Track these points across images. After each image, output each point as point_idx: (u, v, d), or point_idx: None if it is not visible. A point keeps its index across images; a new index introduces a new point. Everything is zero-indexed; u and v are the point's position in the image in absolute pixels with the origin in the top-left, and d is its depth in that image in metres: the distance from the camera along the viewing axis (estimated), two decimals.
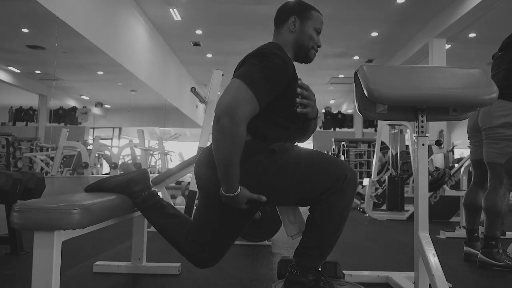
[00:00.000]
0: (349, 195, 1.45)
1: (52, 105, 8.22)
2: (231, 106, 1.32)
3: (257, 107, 1.38)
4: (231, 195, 1.39)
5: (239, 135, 1.33)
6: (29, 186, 2.52)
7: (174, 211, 1.66)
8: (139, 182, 1.66)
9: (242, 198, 1.40)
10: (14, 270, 2.11)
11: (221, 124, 1.32)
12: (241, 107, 1.33)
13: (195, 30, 9.83)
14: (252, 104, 1.36)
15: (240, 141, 1.34)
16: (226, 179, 1.37)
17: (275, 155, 1.45)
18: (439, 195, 4.78)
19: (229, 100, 1.33)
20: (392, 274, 1.95)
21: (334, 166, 1.44)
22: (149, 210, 1.65)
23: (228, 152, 1.34)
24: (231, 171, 1.36)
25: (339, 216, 1.44)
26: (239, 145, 1.34)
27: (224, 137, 1.32)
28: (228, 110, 1.32)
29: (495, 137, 2.35)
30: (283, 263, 1.80)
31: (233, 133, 1.32)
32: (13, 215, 1.20)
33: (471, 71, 1.61)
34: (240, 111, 1.32)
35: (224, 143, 1.33)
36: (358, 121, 16.07)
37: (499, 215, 2.33)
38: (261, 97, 1.38)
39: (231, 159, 1.34)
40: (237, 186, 1.38)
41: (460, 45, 9.94)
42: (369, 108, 1.71)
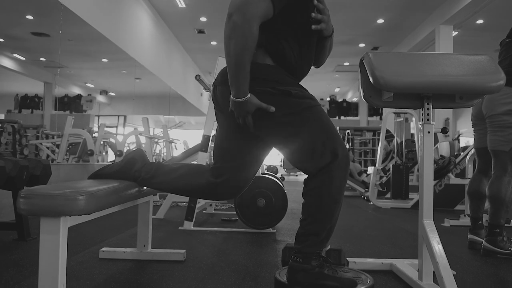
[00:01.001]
0: (339, 176, 1.43)
1: (57, 93, 8.24)
2: (244, 3, 1.31)
3: (271, 8, 1.36)
4: (240, 100, 1.37)
5: (251, 33, 1.32)
6: (35, 173, 2.54)
7: (178, 165, 1.67)
8: (137, 160, 1.68)
9: (251, 104, 1.39)
10: (21, 255, 2.14)
11: (233, 20, 1.31)
12: (254, 4, 1.32)
13: (199, 17, 9.77)
14: (265, 3, 1.35)
15: (252, 39, 1.32)
16: (235, 81, 1.36)
17: (290, 97, 1.43)
18: (444, 183, 4.78)
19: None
20: (396, 262, 1.96)
21: (328, 141, 1.43)
22: (155, 176, 1.64)
23: (239, 50, 1.32)
24: (241, 72, 1.34)
25: (332, 200, 1.44)
26: (250, 44, 1.33)
27: (236, 35, 1.32)
28: (241, 7, 1.31)
29: (500, 125, 2.33)
30: (287, 250, 1.81)
31: (245, 30, 1.31)
32: (20, 201, 1.21)
33: (478, 58, 1.59)
34: (252, 8, 1.31)
35: (235, 41, 1.32)
36: (363, 109, 16.01)
37: (503, 203, 2.33)
38: None
39: (242, 58, 1.33)
40: (246, 90, 1.37)
41: (468, 32, 9.82)
42: (374, 95, 1.70)
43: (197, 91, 14.10)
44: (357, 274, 1.63)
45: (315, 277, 1.46)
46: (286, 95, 1.43)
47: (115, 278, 1.77)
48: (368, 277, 1.60)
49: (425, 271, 1.64)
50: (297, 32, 1.49)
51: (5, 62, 7.55)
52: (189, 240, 2.62)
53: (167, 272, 1.88)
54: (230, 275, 1.85)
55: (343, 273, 1.57)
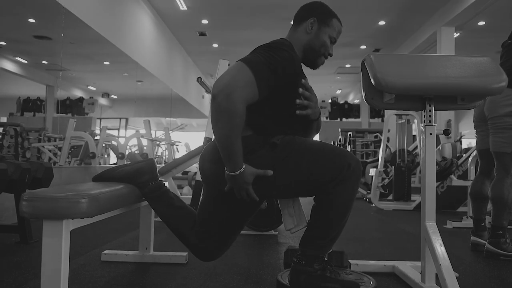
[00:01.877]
0: (353, 184, 1.44)
1: (59, 96, 8.27)
2: (229, 85, 1.30)
3: (256, 93, 1.36)
4: (237, 173, 1.37)
5: (237, 114, 1.30)
6: (37, 176, 2.55)
7: (180, 203, 1.67)
8: (146, 172, 1.67)
9: (249, 175, 1.39)
10: (23, 258, 2.14)
11: (217, 102, 1.30)
12: (239, 88, 1.31)
13: (201, 19, 9.78)
14: (251, 88, 1.34)
15: (239, 118, 1.31)
16: (228, 158, 1.36)
17: (276, 148, 1.44)
18: (446, 185, 4.77)
19: (228, 79, 1.32)
20: (399, 264, 1.96)
21: (337, 156, 1.44)
22: (155, 201, 1.66)
23: (227, 130, 1.32)
24: (233, 149, 1.34)
25: (343, 205, 1.44)
26: (237, 123, 1.32)
27: (222, 116, 1.31)
28: (225, 89, 1.29)
29: (502, 126, 2.33)
30: (290, 252, 1.81)
31: (230, 110, 1.29)
32: (22, 204, 1.21)
33: (480, 60, 1.59)
34: (238, 92, 1.30)
35: (221, 123, 1.32)
36: (364, 111, 15.99)
37: (506, 205, 2.32)
38: (261, 82, 1.35)
39: (231, 138, 1.33)
40: (241, 163, 1.37)
41: (469, 33, 9.80)
42: (376, 97, 1.70)
43: (199, 93, 14.10)
44: (360, 276, 1.63)
45: (317, 280, 1.45)
46: (273, 147, 1.44)
47: (117, 281, 1.77)
48: (370, 279, 1.60)
49: (428, 273, 1.63)
50: (283, 114, 1.50)
51: (7, 65, 7.57)
52: None
53: (169, 274, 1.88)
54: (232, 277, 1.85)
55: (345, 275, 1.57)
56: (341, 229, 1.48)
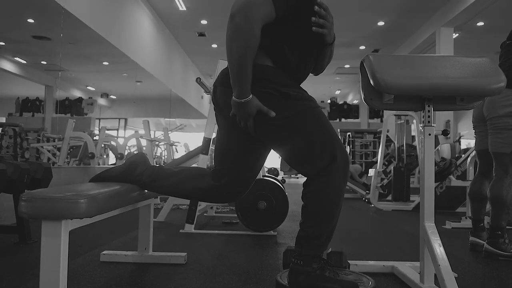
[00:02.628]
0: (338, 179, 1.43)
1: (58, 96, 8.26)
2: (246, 5, 1.33)
3: (273, 11, 1.38)
4: (242, 101, 1.38)
5: (253, 35, 1.33)
6: (36, 176, 2.55)
7: (178, 169, 1.68)
8: (138, 164, 1.69)
9: (253, 106, 1.40)
10: (22, 258, 2.14)
11: (235, 22, 1.32)
12: (256, 6, 1.33)
13: (200, 20, 9.79)
14: (267, 6, 1.36)
15: (254, 41, 1.34)
16: (238, 82, 1.37)
17: (289, 99, 1.43)
18: (445, 186, 4.77)
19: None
20: (398, 264, 1.96)
21: (327, 144, 1.43)
22: (156, 181, 1.65)
23: (242, 52, 1.33)
24: (244, 72, 1.35)
25: (331, 202, 1.44)
26: (252, 45, 1.34)
27: (238, 36, 1.33)
28: (243, 9, 1.32)
29: (501, 127, 2.33)
30: (288, 253, 1.81)
31: (248, 31, 1.32)
32: (21, 205, 1.21)
33: (478, 60, 1.59)
34: (255, 10, 1.33)
35: (237, 42, 1.33)
36: (363, 111, 16.01)
37: (504, 205, 2.33)
38: (279, 2, 1.37)
39: (245, 59, 1.34)
40: (248, 91, 1.38)
41: (468, 34, 9.82)
42: (375, 98, 1.70)
43: (198, 94, 14.11)
44: (359, 276, 1.63)
45: (316, 280, 1.45)
46: (285, 97, 1.44)
47: (116, 281, 1.77)
48: (369, 279, 1.60)
49: (427, 274, 1.64)
50: (299, 37, 1.49)
51: (6, 65, 7.57)
52: (190, 243, 2.62)
53: (168, 275, 1.87)
54: (231, 278, 1.85)
55: (344, 275, 1.57)
56: (333, 227, 1.47)
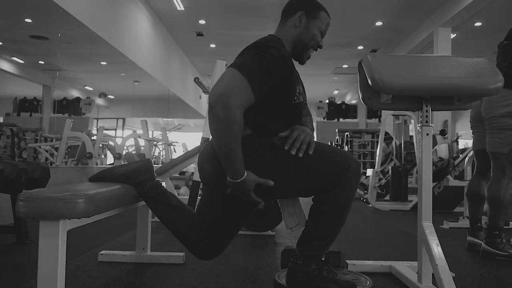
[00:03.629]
0: (352, 185, 1.45)
1: (56, 96, 8.23)
2: (224, 94, 1.30)
3: (252, 97, 1.36)
4: (238, 181, 1.37)
5: (235, 121, 1.31)
6: (34, 176, 2.54)
7: (178, 203, 1.67)
8: (143, 173, 1.67)
9: (250, 182, 1.39)
10: (20, 258, 2.13)
11: (214, 112, 1.30)
12: (234, 95, 1.30)
13: (198, 20, 9.78)
14: (246, 93, 1.34)
15: (237, 126, 1.32)
16: (230, 166, 1.36)
17: (277, 149, 1.45)
18: (443, 186, 4.78)
19: (223, 88, 1.31)
20: (396, 264, 1.96)
21: (337, 157, 1.44)
22: (153, 200, 1.66)
23: (227, 139, 1.32)
24: (233, 157, 1.34)
25: (342, 206, 1.45)
26: (236, 131, 1.32)
27: (221, 126, 1.31)
28: (221, 98, 1.29)
29: (498, 127, 2.34)
30: (287, 252, 1.81)
31: (228, 119, 1.29)
32: (19, 204, 1.21)
33: (476, 60, 1.60)
34: (234, 99, 1.30)
35: (221, 131, 1.32)
36: (362, 111, 16.01)
37: (502, 205, 2.33)
38: (255, 86, 1.35)
39: (231, 146, 1.33)
40: (242, 171, 1.37)
41: (466, 34, 9.83)
42: (373, 97, 1.70)
43: (196, 94, 14.09)
44: (357, 276, 1.63)
45: (314, 280, 1.46)
46: (273, 149, 1.45)
47: (114, 281, 1.77)
48: (367, 279, 1.60)
49: (425, 273, 1.64)
50: (280, 109, 1.50)
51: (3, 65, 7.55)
52: None
53: (166, 275, 1.87)
54: (229, 277, 1.85)
55: (342, 275, 1.57)
56: (339, 230, 1.49)
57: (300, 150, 1.43)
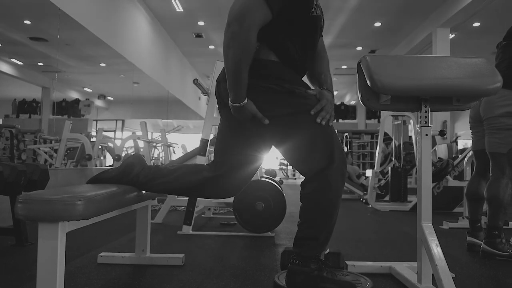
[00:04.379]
0: (336, 181, 1.44)
1: (55, 97, 8.24)
2: (242, 12, 1.34)
3: (269, 13, 1.38)
4: (237, 105, 1.41)
5: (250, 42, 1.35)
6: (33, 178, 2.54)
7: (174, 167, 1.69)
8: (135, 165, 1.69)
9: (248, 111, 1.42)
10: (19, 261, 2.13)
11: (231, 30, 1.34)
12: (251, 13, 1.34)
13: (197, 21, 9.79)
14: (263, 10, 1.36)
15: (250, 48, 1.36)
16: (234, 87, 1.40)
17: (292, 96, 1.45)
18: (442, 186, 4.78)
19: (240, 6, 1.35)
20: (395, 264, 1.96)
21: (327, 145, 1.45)
22: (153, 180, 1.65)
23: (238, 59, 1.35)
24: (239, 79, 1.38)
25: (329, 204, 1.45)
26: (248, 52, 1.36)
27: (234, 43, 1.35)
28: (239, 16, 1.34)
29: (497, 127, 2.34)
30: (286, 254, 1.81)
31: (243, 39, 1.34)
32: (18, 206, 1.21)
33: (475, 61, 1.60)
34: (251, 17, 1.34)
35: (234, 49, 1.35)
36: (361, 112, 16.03)
37: (501, 205, 2.33)
38: (272, 2, 1.37)
39: (240, 66, 1.36)
40: (244, 95, 1.40)
41: (464, 34, 9.86)
42: (372, 98, 1.70)
43: (195, 95, 14.10)
44: (356, 277, 1.63)
45: (314, 281, 1.45)
46: (290, 93, 1.45)
47: (113, 283, 1.77)
48: (367, 280, 1.60)
49: (424, 274, 1.64)
50: (297, 29, 1.50)
51: (3, 67, 7.55)
52: (187, 244, 2.61)
53: (165, 276, 1.87)
54: (229, 279, 1.85)
55: (342, 276, 1.57)
56: (331, 228, 1.48)
57: (324, 119, 1.46)
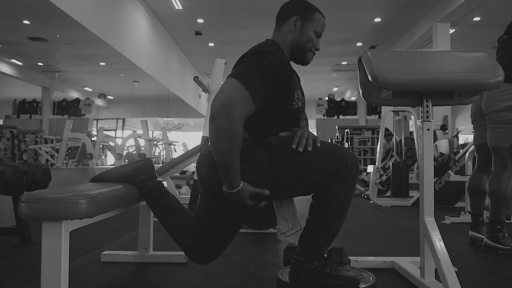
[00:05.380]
0: (351, 181, 1.44)
1: (55, 97, 8.23)
2: (226, 105, 1.30)
3: (253, 107, 1.36)
4: (234, 191, 1.38)
5: (236, 133, 1.31)
6: (35, 178, 2.54)
7: (178, 205, 1.67)
8: (144, 172, 1.67)
9: (245, 193, 1.40)
10: (23, 260, 2.14)
11: (216, 123, 1.30)
12: (236, 106, 1.30)
13: (196, 19, 9.76)
14: (247, 104, 1.33)
15: (238, 138, 1.32)
16: (227, 177, 1.37)
17: (272, 148, 1.45)
18: (444, 181, 4.78)
19: (224, 99, 1.31)
20: (398, 259, 1.96)
21: (335, 153, 1.44)
22: (154, 201, 1.66)
23: (226, 151, 1.32)
24: (231, 168, 1.35)
25: (342, 202, 1.44)
26: (237, 142, 1.32)
27: (221, 136, 1.31)
28: (223, 109, 1.29)
29: (499, 121, 2.34)
30: (289, 250, 1.81)
31: (230, 131, 1.30)
32: (21, 206, 1.21)
33: (476, 55, 1.60)
34: (235, 110, 1.30)
35: (221, 142, 1.32)
36: (361, 108, 16.00)
37: (504, 199, 2.33)
38: (256, 96, 1.35)
39: (230, 157, 1.33)
40: (239, 181, 1.38)
41: (465, 29, 9.82)
42: (373, 93, 1.70)
43: (196, 93, 14.09)
44: (359, 272, 1.63)
45: (317, 277, 1.46)
46: (269, 148, 1.44)
47: (117, 281, 1.77)
48: (370, 275, 1.60)
49: (427, 268, 1.64)
50: (279, 117, 1.50)
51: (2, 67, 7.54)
52: None
53: (169, 274, 1.88)
54: (232, 276, 1.85)
55: (345, 271, 1.57)
56: (339, 226, 1.49)
57: (308, 145, 1.43)
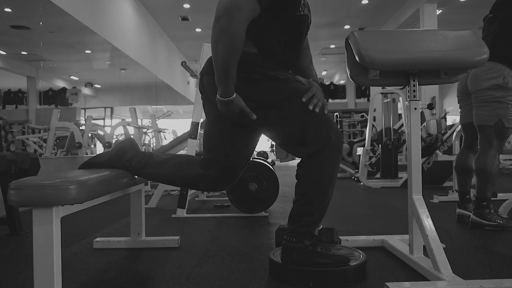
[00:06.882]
0: (333, 158, 1.45)
1: (41, 87, 8.11)
2: (231, 6, 1.32)
3: (257, 7, 1.37)
4: (226, 100, 1.40)
5: (238, 37, 1.33)
6: (23, 167, 2.52)
7: (167, 155, 1.69)
8: (128, 150, 1.69)
9: (236, 106, 1.41)
10: (14, 250, 2.13)
11: (220, 24, 1.32)
12: (241, 7, 1.32)
13: (182, 4, 9.64)
14: (252, 4, 1.35)
15: (239, 43, 1.34)
16: (222, 81, 1.38)
17: (280, 83, 1.44)
18: (432, 161, 4.84)
19: (228, 0, 1.33)
20: (388, 238, 2.00)
21: (321, 125, 1.44)
22: (146, 167, 1.66)
23: (226, 53, 1.34)
24: (228, 73, 1.36)
25: (325, 180, 1.46)
26: (237, 47, 1.34)
27: (223, 38, 1.33)
28: (228, 10, 1.32)
29: (485, 100, 2.36)
30: (280, 231, 1.83)
31: (232, 34, 1.32)
32: (10, 193, 1.20)
33: (461, 33, 1.61)
34: (240, 11, 1.32)
35: (222, 44, 1.34)
36: (350, 91, 16.06)
37: (489, 176, 2.38)
38: None
39: (229, 61, 1.35)
40: (232, 90, 1.39)
41: (451, 10, 9.85)
42: (361, 74, 1.71)
43: (184, 80, 13.98)
44: (350, 251, 1.66)
45: (309, 256, 1.48)
46: (274, 81, 1.44)
47: (110, 267, 1.78)
48: (360, 253, 1.63)
49: (416, 245, 1.67)
50: (284, 26, 1.48)
51: None
52: (182, 227, 2.63)
53: (162, 258, 1.89)
54: (225, 258, 1.87)
55: (336, 250, 1.59)
56: (326, 204, 1.50)
57: (316, 106, 1.44)
